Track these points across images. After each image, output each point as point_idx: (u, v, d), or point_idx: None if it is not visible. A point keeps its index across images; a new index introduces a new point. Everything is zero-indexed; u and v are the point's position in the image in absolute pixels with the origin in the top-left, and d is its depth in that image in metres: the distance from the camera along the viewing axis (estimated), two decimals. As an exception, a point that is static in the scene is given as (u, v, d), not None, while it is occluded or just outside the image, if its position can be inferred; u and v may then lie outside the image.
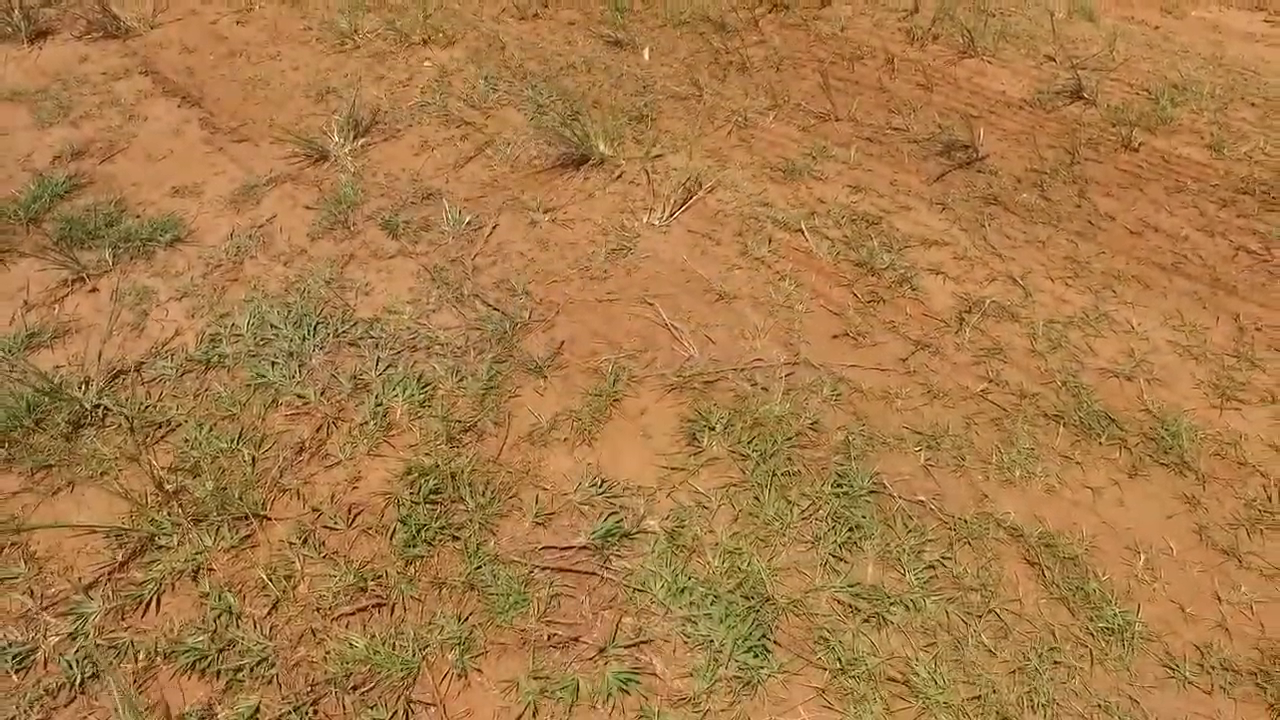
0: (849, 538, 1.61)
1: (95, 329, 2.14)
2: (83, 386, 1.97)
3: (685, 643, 1.46)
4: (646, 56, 3.09)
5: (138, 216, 2.52)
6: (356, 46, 3.26)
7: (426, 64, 3.14)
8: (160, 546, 1.64)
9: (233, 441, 1.82)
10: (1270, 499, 1.68)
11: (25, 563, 1.62)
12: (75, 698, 1.42)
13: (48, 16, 3.54)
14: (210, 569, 1.60)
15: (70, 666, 1.44)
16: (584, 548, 1.61)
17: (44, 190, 2.62)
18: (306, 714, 1.38)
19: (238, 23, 3.51)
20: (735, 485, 1.71)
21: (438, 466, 1.74)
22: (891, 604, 1.50)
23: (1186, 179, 2.55)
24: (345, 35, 3.29)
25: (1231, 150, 2.65)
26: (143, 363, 2.04)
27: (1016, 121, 2.80)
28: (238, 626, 1.49)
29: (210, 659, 1.45)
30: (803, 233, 2.32)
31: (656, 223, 2.36)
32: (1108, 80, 2.97)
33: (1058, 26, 3.25)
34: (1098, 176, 2.56)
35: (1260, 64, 3.09)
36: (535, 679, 1.41)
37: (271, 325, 2.10)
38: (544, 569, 1.57)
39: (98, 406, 1.92)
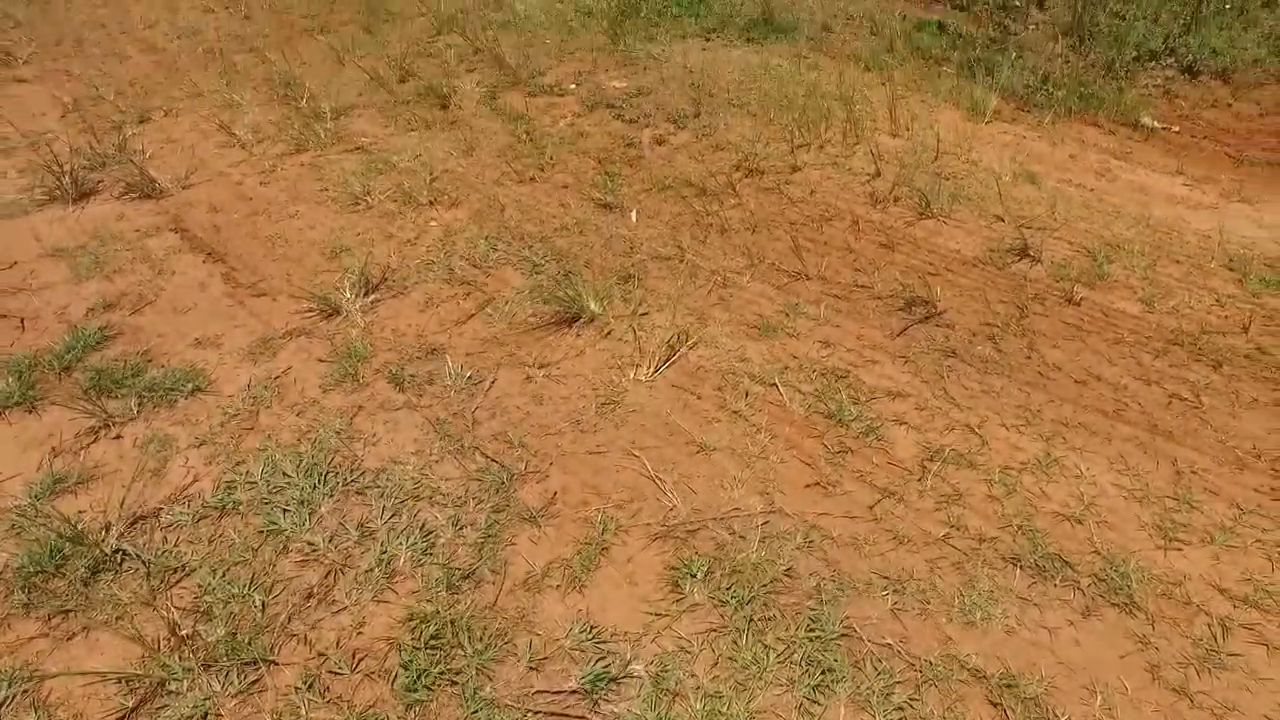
0: (822, 680, 1.73)
1: (118, 475, 2.29)
2: (103, 532, 2.10)
3: (669, 787, 1.55)
4: (634, 219, 3.41)
5: (162, 367, 2.71)
6: (369, 207, 3.57)
7: (433, 224, 3.44)
8: (170, 692, 1.73)
9: (245, 587, 1.94)
10: (1216, 638, 1.81)
11: (36, 711, 1.70)
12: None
13: (93, 180, 3.86)
14: (218, 715, 1.69)
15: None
16: (574, 692, 1.71)
17: (77, 341, 2.82)
18: None
19: (261, 184, 3.84)
20: (715, 630, 1.83)
21: (438, 613, 1.87)
22: (862, 747, 1.60)
23: (1124, 331, 2.81)
24: (358, 197, 3.61)
25: (1161, 304, 2.92)
26: (161, 509, 2.18)
27: (970, 278, 3.08)
28: (246, 774, 1.57)
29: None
30: (777, 387, 2.54)
31: (643, 378, 2.58)
32: (1051, 239, 3.28)
33: (1004, 189, 3.60)
34: (1045, 329, 2.82)
35: (1181, 224, 3.44)
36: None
37: (284, 474, 2.26)
38: (537, 713, 1.67)
39: (117, 552, 2.04)
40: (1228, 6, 5.13)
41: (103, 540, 2.06)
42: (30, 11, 6.18)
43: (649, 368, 2.60)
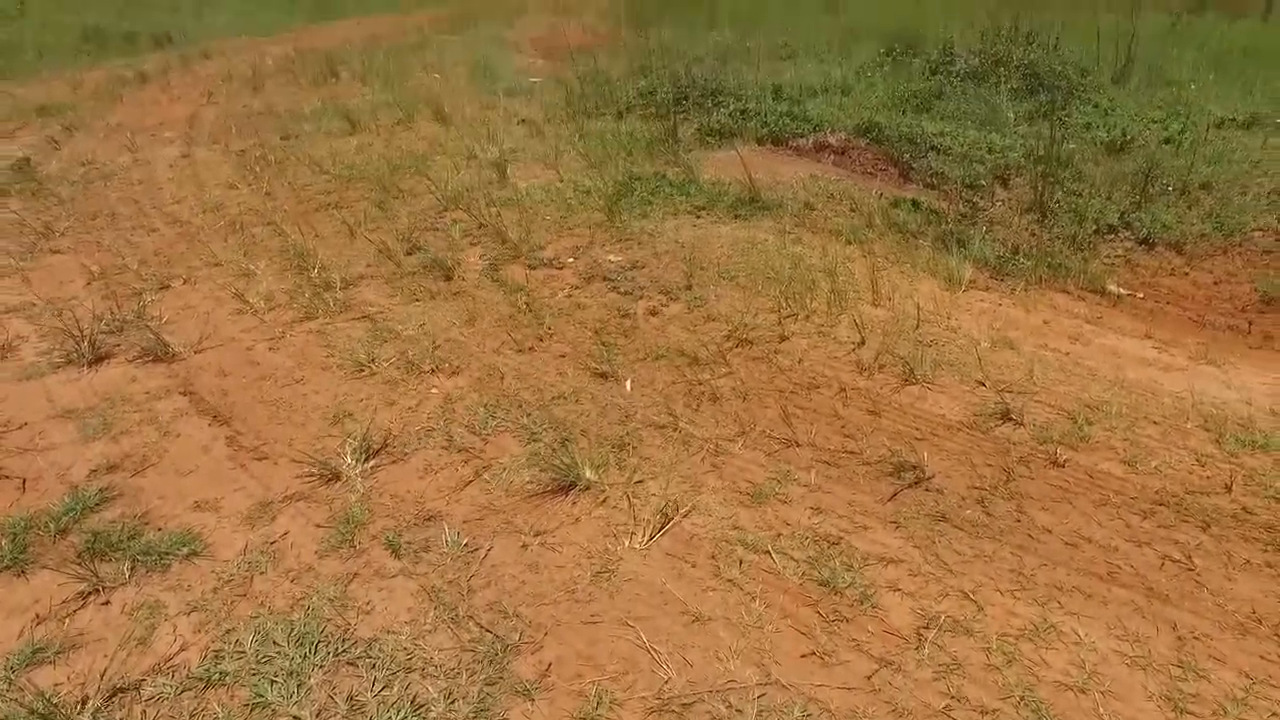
0: None
1: (102, 644, 2.25)
2: (79, 706, 2.05)
3: None
4: (629, 388, 3.55)
5: (159, 529, 2.73)
6: (373, 374, 3.70)
7: (434, 391, 3.56)
8: None
9: (225, 769, 1.88)
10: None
11: None
12: None
13: (110, 344, 4.02)
14: None
15: None
16: None
17: (76, 504, 2.84)
18: None
19: (270, 349, 3.99)
20: (713, 815, 1.76)
21: (425, 797, 1.80)
22: None
23: (1109, 492, 2.86)
24: (363, 364, 3.75)
25: (1143, 465, 3.00)
26: (143, 680, 2.13)
27: (956, 442, 3.17)
28: None
29: None
30: (770, 555, 2.56)
31: (637, 547, 2.60)
32: (1032, 402, 3.40)
33: (984, 355, 3.77)
34: (1032, 492, 2.87)
35: (1155, 385, 3.57)
36: None
37: (274, 643, 2.23)
38: None
39: (91, 729, 1.98)
40: (1170, 189, 5.59)
41: (77, 715, 2.01)
42: (74, 190, 6.63)
43: (644, 536, 2.63)
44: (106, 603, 2.41)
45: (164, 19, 20.02)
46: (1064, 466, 3.00)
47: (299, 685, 2.09)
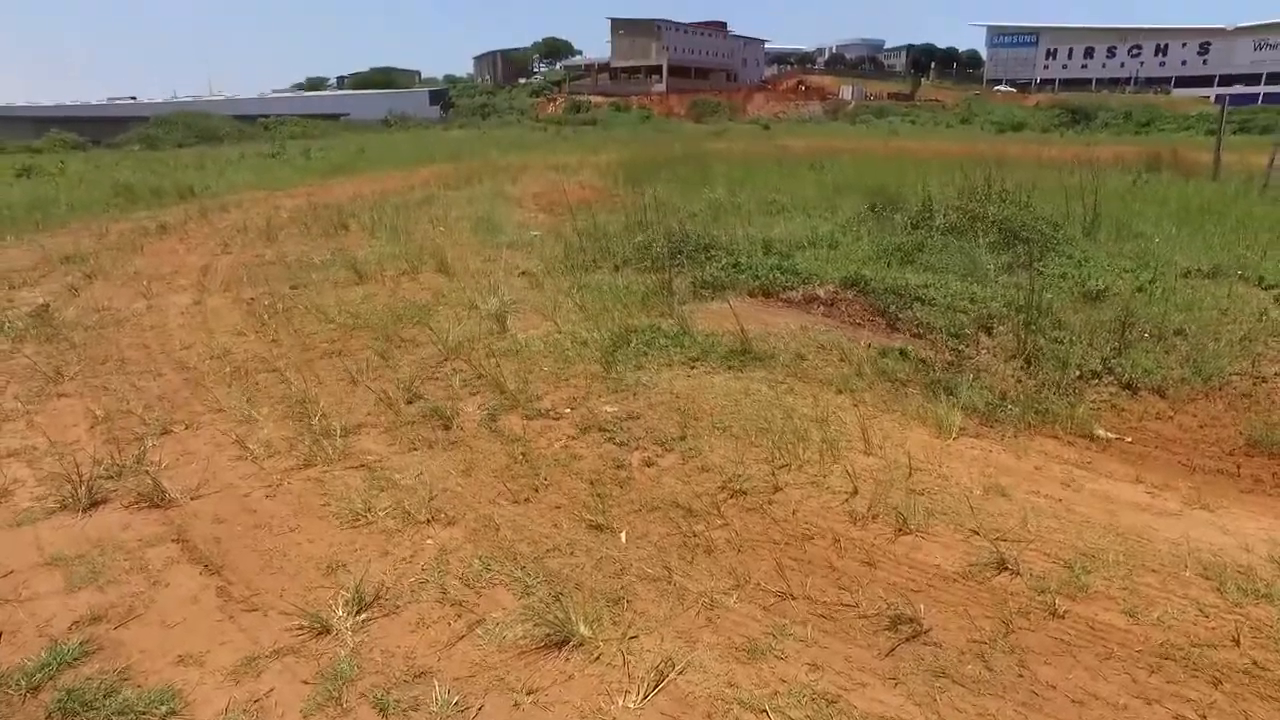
0: None
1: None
2: None
3: None
4: (623, 540, 3.54)
5: (139, 686, 2.65)
6: (368, 524, 3.71)
7: (429, 543, 3.55)
8: None
9: None
10: None
11: None
12: None
13: (107, 489, 4.04)
14: None
15: None
16: None
17: (54, 658, 2.77)
18: None
19: (267, 497, 4.01)
20: None
21: None
22: None
23: (1113, 645, 2.82)
24: (359, 513, 3.76)
25: (1145, 616, 2.96)
26: None
27: (953, 594, 3.14)
28: None
29: None
30: (767, 714, 2.50)
31: (631, 706, 2.53)
32: (1027, 551, 3.40)
33: (977, 504, 3.79)
34: (1033, 645, 2.82)
35: (1150, 531, 3.58)
36: None
37: (250, 816, 2.13)
38: None
39: None
40: (1147, 335, 5.81)
41: None
42: (87, 335, 6.84)
43: (638, 695, 2.56)
44: (75, 769, 2.32)
45: (190, 176, 21.26)
46: (1064, 618, 2.97)
47: None
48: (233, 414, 5.02)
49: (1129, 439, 4.73)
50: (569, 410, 4.96)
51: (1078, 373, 5.37)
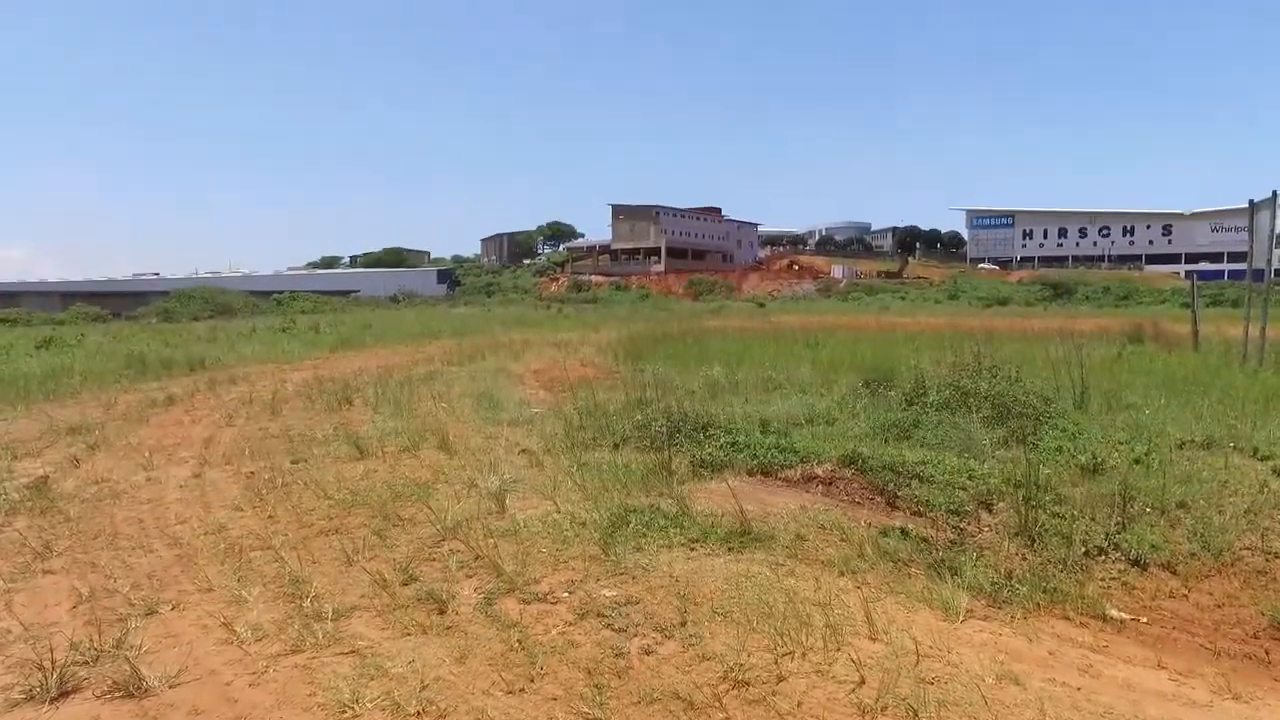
0: None
1: None
2: None
3: None
4: (622, 734, 3.37)
5: None
6: (355, 716, 3.53)
7: (418, 738, 3.37)
8: None
9: None
10: None
11: None
12: None
13: (80, 677, 3.86)
14: None
15: None
16: None
17: None
18: None
19: (250, 685, 3.83)
20: None
21: None
22: None
23: None
24: (346, 704, 3.58)
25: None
26: None
27: (973, 799, 2.95)
28: None
29: None
30: None
31: None
32: (1048, 750, 3.21)
33: (989, 693, 3.63)
34: None
35: (1180, 722, 3.40)
36: None
37: None
38: None
39: None
40: (1148, 509, 5.78)
41: None
42: (82, 508, 6.79)
43: None
44: None
45: (201, 348, 21.90)
46: (1095, 830, 2.76)
47: None
48: (223, 594, 4.90)
49: (1144, 619, 4.61)
50: (567, 594, 4.83)
51: (1083, 549, 5.31)
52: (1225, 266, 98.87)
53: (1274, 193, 13.61)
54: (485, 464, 7.75)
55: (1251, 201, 14.24)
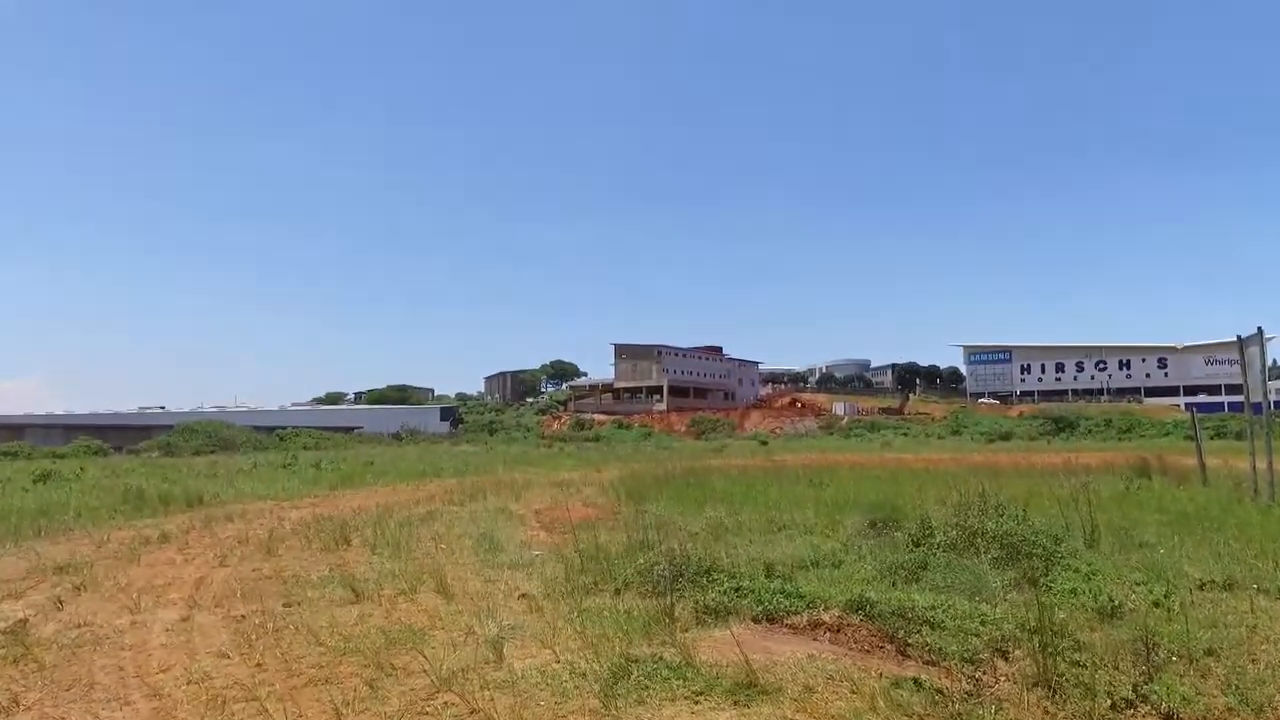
0: None
1: None
2: None
3: None
4: None
5: None
6: None
7: None
8: None
9: None
10: None
11: None
12: None
13: None
14: None
15: None
16: None
17: None
18: None
19: None
20: None
21: None
22: None
23: None
24: None
25: None
26: None
27: None
28: None
29: None
30: None
31: None
32: None
33: None
34: None
35: None
36: None
37: None
38: None
39: None
40: (1175, 657, 5.53)
41: None
42: (60, 655, 6.51)
43: None
44: None
45: (200, 483, 21.75)
46: None
47: None
48: (200, 754, 4.64)
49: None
50: (566, 758, 4.57)
51: (1109, 701, 5.04)
52: (1224, 399, 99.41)
53: (1258, 329, 13.95)
54: (483, 609, 7.52)
55: (1239, 337, 14.58)
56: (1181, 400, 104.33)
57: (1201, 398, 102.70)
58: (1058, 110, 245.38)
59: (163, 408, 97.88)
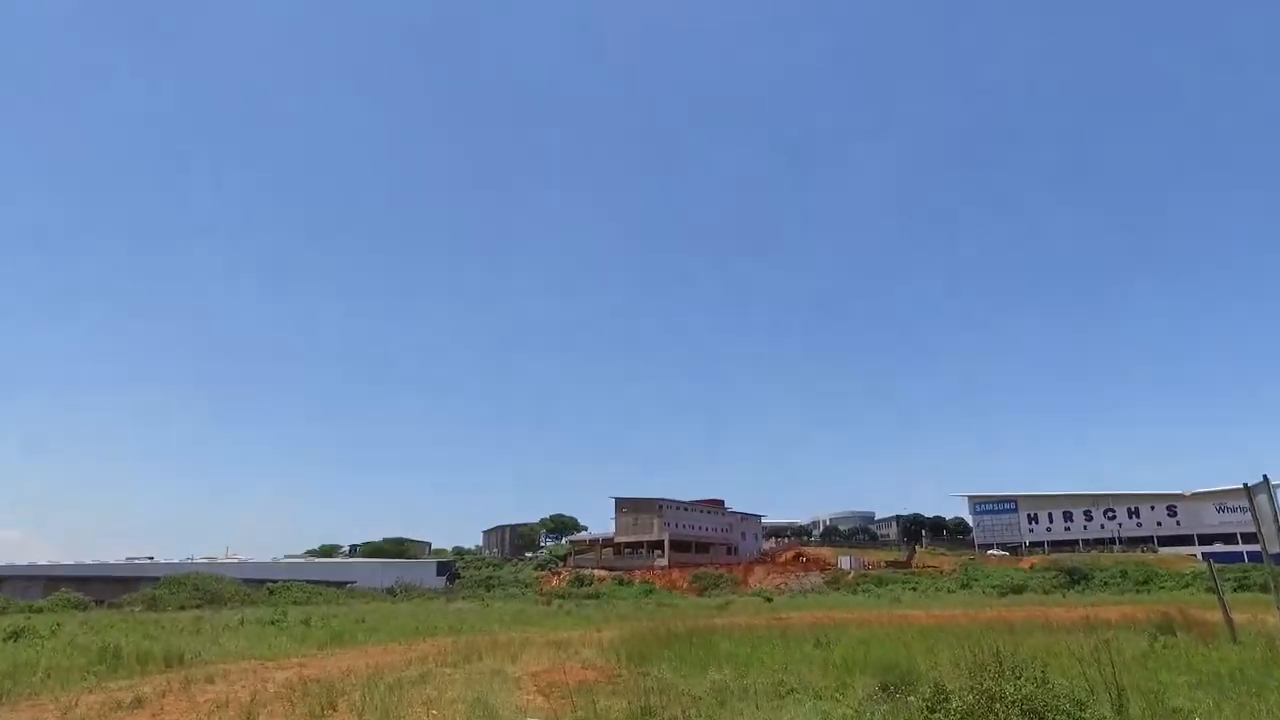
0: None
1: None
2: None
3: None
4: None
5: None
6: None
7: None
8: None
9: None
10: None
11: None
12: None
13: None
14: None
15: None
16: None
17: None
18: None
19: None
20: None
21: None
22: None
23: None
24: None
25: None
26: None
27: None
28: None
29: None
30: None
31: None
32: None
33: None
34: None
35: None
36: None
37: None
38: None
39: None
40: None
41: None
42: None
43: None
44: None
45: (183, 641, 20.84)
46: None
47: None
48: None
49: None
50: None
51: None
52: (1242, 548, 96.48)
53: (1264, 477, 13.81)
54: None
55: (1246, 485, 14.42)
56: (1198, 549, 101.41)
57: (1218, 547, 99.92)
58: (1055, 249, 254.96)
59: (151, 558, 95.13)
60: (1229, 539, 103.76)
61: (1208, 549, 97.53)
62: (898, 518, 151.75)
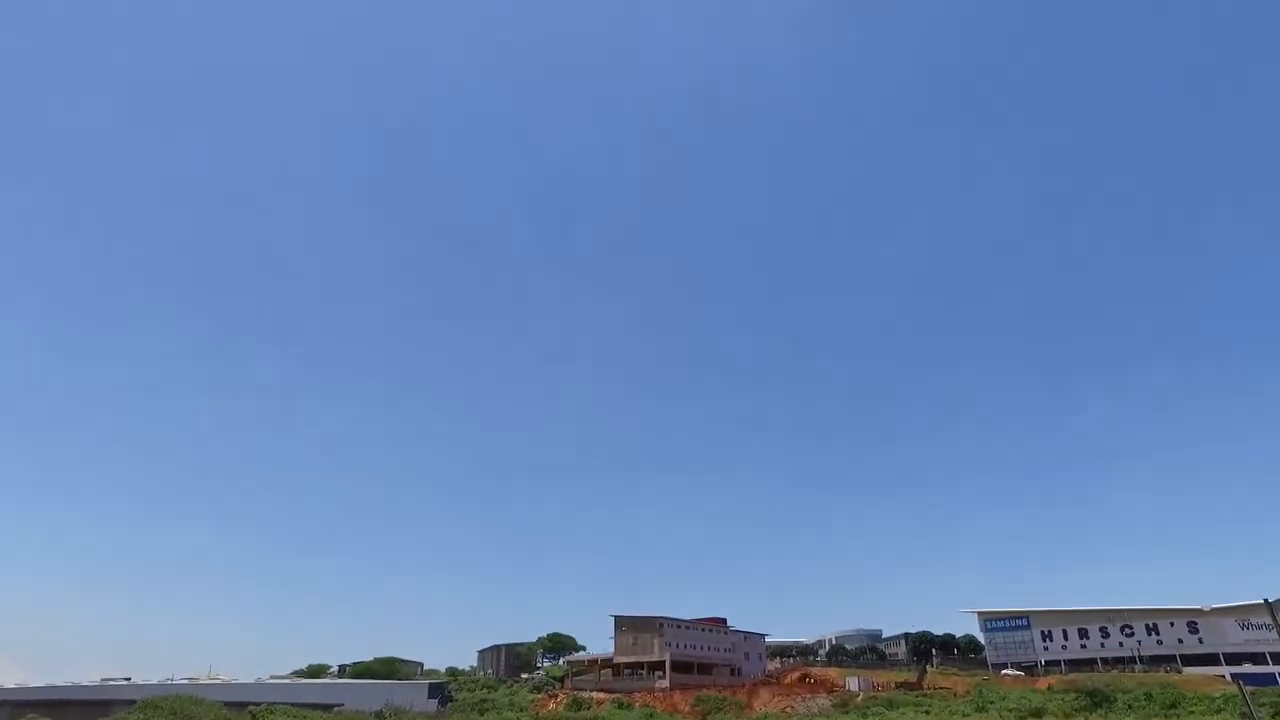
0: None
1: None
2: None
3: None
4: None
5: None
6: None
7: None
8: None
9: None
10: None
11: None
12: None
13: None
14: None
15: None
16: None
17: None
18: None
19: None
20: None
21: None
22: None
23: None
24: None
25: None
26: None
27: None
28: None
29: None
30: None
31: None
32: None
33: None
34: None
35: None
36: None
37: None
38: None
39: None
40: None
41: None
42: None
43: None
44: None
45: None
46: None
47: None
48: None
49: None
50: None
51: None
52: (1273, 669, 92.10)
53: (1285, 591, 13.46)
54: None
55: (1267, 600, 14.10)
56: (1225, 670, 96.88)
57: (1247, 667, 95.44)
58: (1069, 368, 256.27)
59: (128, 679, 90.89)
60: (1258, 659, 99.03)
61: (1236, 669, 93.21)
62: (906, 635, 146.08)
